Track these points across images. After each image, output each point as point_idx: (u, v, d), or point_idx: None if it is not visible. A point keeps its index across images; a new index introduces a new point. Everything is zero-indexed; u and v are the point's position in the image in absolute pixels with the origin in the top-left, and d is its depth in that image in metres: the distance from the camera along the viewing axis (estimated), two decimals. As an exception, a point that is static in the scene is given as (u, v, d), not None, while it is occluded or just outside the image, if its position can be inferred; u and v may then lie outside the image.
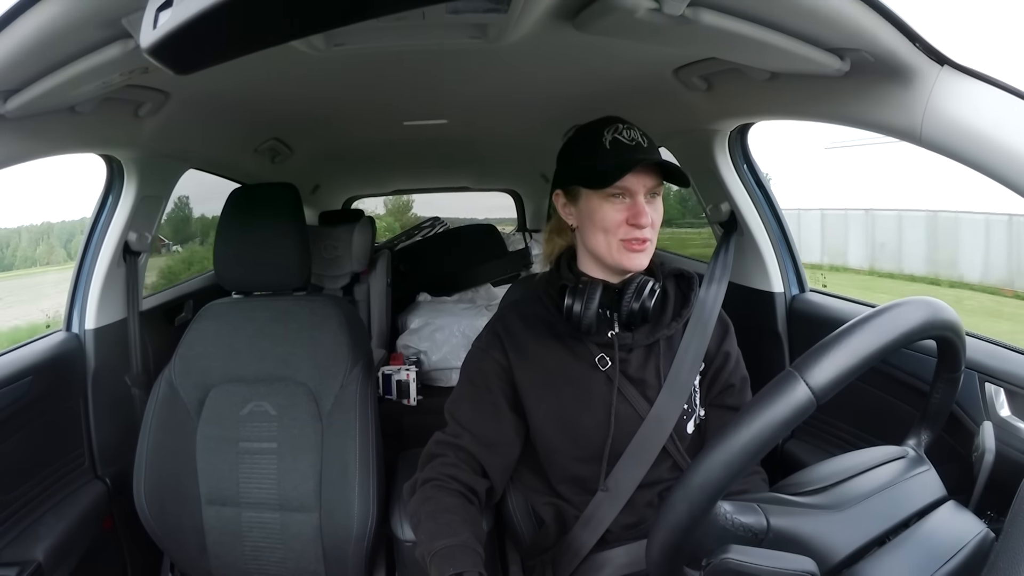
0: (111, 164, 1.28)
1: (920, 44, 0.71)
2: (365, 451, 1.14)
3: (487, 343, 0.97)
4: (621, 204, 0.87)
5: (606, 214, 0.88)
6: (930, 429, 0.73)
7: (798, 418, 0.54)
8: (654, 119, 1.24)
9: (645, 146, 0.87)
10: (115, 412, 1.33)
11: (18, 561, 1.02)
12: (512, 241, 2.57)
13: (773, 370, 0.69)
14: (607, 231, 0.88)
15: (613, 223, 0.87)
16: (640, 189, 0.87)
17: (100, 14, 0.63)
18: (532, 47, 0.93)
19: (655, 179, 0.87)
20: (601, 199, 0.88)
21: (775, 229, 1.35)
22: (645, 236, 0.87)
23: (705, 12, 0.69)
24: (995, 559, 0.49)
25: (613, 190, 0.86)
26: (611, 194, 0.87)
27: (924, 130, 0.75)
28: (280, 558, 1.16)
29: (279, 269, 1.24)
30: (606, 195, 0.87)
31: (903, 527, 0.62)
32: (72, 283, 1.31)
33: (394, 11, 0.38)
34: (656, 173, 0.87)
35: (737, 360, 0.99)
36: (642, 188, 0.87)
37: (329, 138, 1.79)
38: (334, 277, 2.21)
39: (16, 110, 0.79)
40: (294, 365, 1.20)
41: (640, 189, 0.87)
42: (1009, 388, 0.88)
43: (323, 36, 0.86)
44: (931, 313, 0.60)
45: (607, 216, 0.87)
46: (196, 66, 0.42)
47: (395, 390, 1.93)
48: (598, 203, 0.88)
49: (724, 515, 0.58)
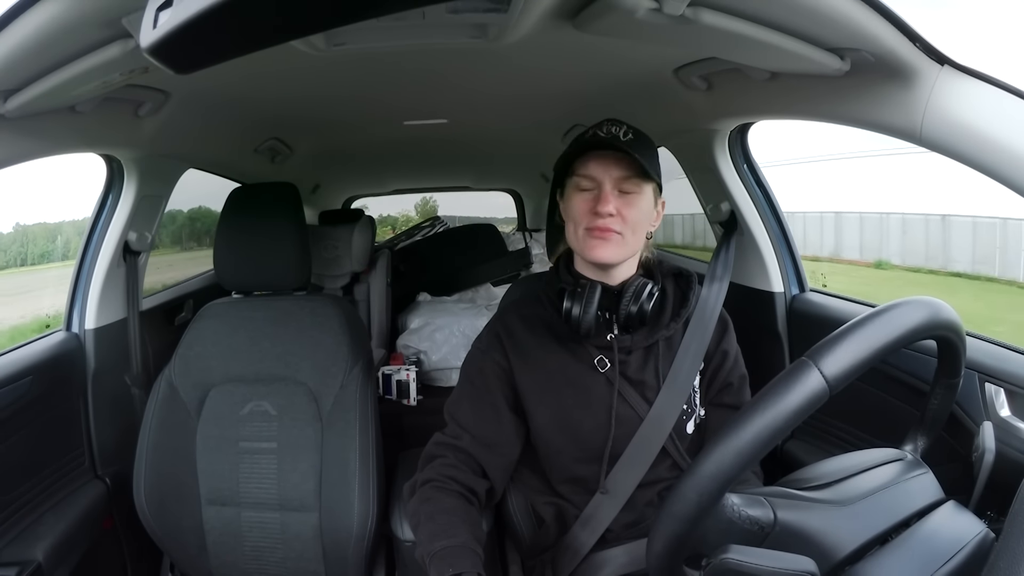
0: (111, 164, 1.28)
1: (920, 44, 0.71)
2: (365, 451, 1.14)
3: (487, 344, 0.97)
4: (589, 195, 0.89)
5: (574, 204, 0.90)
6: (927, 435, 0.74)
7: (811, 407, 0.54)
8: (654, 119, 1.24)
9: (623, 139, 0.87)
10: (115, 412, 1.33)
11: (18, 561, 1.02)
12: (512, 241, 2.57)
13: (773, 370, 0.69)
14: (576, 222, 0.90)
15: (580, 212, 0.89)
16: (606, 179, 0.87)
17: (100, 14, 0.63)
18: (532, 47, 0.93)
19: (623, 171, 0.87)
20: (573, 190, 0.90)
21: (775, 229, 1.35)
22: (607, 225, 0.87)
23: (705, 12, 0.69)
24: (995, 559, 0.49)
25: (582, 182, 0.88)
26: (581, 187, 0.89)
27: (924, 130, 0.76)
28: (280, 558, 1.16)
29: (279, 269, 1.24)
30: (577, 187, 0.89)
31: (904, 527, 0.62)
32: (72, 283, 1.31)
33: (394, 11, 0.37)
34: (627, 166, 0.87)
35: (736, 358, 0.99)
36: (608, 178, 0.87)
37: (329, 138, 1.79)
38: (334, 277, 2.21)
39: (16, 110, 0.79)
40: (294, 365, 1.20)
41: (606, 179, 0.87)
42: (1009, 388, 0.88)
43: (323, 36, 0.86)
44: (936, 312, 0.61)
45: (575, 206, 0.90)
46: (196, 66, 0.42)
47: (395, 390, 1.93)
48: (571, 194, 0.91)
49: (731, 507, 0.58)
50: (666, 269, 0.99)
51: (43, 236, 4.78)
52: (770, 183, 1.35)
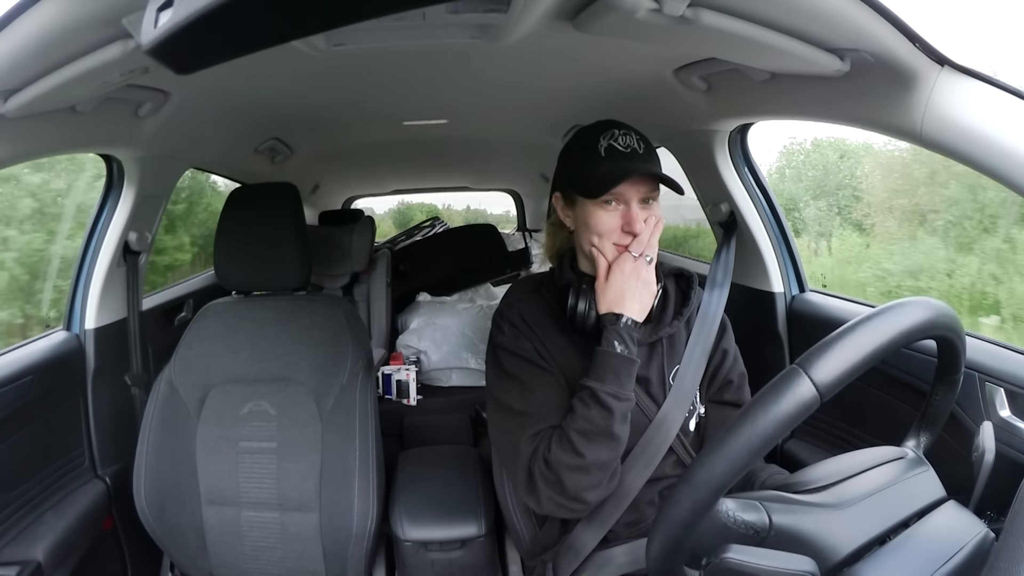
0: (111, 164, 1.28)
1: (920, 44, 0.71)
2: (365, 451, 1.14)
3: (512, 336, 0.93)
4: (615, 211, 0.88)
5: (599, 220, 0.88)
6: (929, 431, 0.73)
7: (802, 415, 0.54)
8: (654, 119, 1.24)
9: (641, 152, 0.87)
10: (115, 412, 1.33)
11: (18, 561, 1.02)
12: (512, 241, 2.57)
13: (773, 370, 0.69)
14: (602, 235, 0.89)
15: (607, 228, 0.88)
16: (634, 196, 0.87)
17: (100, 14, 0.64)
18: (532, 47, 0.93)
19: (649, 186, 0.87)
20: (595, 206, 0.89)
21: (775, 229, 1.35)
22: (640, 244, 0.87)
23: (705, 12, 0.69)
24: (995, 559, 0.49)
25: (607, 197, 0.87)
26: (605, 201, 0.88)
27: (924, 130, 0.76)
28: (280, 558, 1.16)
29: (279, 269, 1.24)
30: (600, 202, 0.88)
31: (903, 527, 0.62)
32: (72, 283, 1.31)
33: (394, 11, 0.37)
34: (651, 180, 0.87)
35: (735, 357, 0.99)
36: (636, 195, 0.87)
37: (329, 138, 1.79)
38: (334, 277, 2.21)
39: (16, 110, 0.79)
40: (294, 365, 1.20)
41: (634, 196, 0.87)
42: (1009, 388, 0.88)
43: (323, 36, 0.86)
44: (933, 312, 0.60)
45: (600, 222, 0.88)
46: (196, 66, 0.42)
47: (395, 390, 1.93)
48: (592, 209, 0.89)
49: (726, 512, 0.58)
50: (667, 269, 1.00)
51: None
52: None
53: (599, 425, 0.81)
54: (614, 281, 0.86)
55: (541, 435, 0.86)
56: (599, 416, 0.81)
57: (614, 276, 0.87)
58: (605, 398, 0.81)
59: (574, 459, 0.82)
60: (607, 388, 0.82)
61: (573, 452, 0.82)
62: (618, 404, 0.82)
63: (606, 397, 0.81)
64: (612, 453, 0.83)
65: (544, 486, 0.84)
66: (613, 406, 0.82)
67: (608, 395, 0.82)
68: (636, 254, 0.87)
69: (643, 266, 0.87)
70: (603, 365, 0.83)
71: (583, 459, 0.81)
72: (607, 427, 0.81)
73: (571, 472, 0.82)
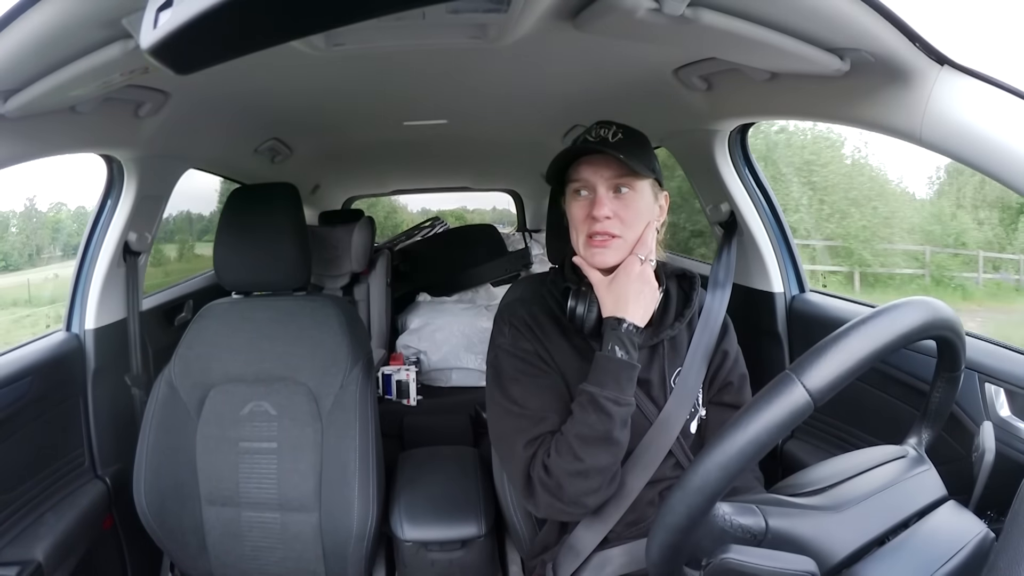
0: (111, 164, 1.28)
1: (920, 44, 0.71)
2: (365, 451, 1.14)
3: (512, 337, 0.93)
4: (585, 200, 0.88)
5: (573, 211, 0.89)
6: (931, 428, 0.73)
7: (795, 421, 0.54)
8: (654, 119, 1.24)
9: (611, 141, 0.86)
10: (115, 412, 1.33)
11: (18, 561, 1.02)
12: (512, 241, 2.57)
13: (773, 370, 0.69)
14: (576, 228, 0.89)
15: (579, 219, 0.89)
16: (598, 181, 0.86)
17: (100, 14, 0.64)
18: (532, 47, 0.93)
19: (615, 171, 0.86)
20: (571, 197, 0.90)
21: (775, 229, 1.35)
22: (604, 229, 0.86)
23: (705, 12, 0.69)
24: (995, 559, 0.49)
25: (576, 184, 0.88)
26: (576, 190, 0.88)
27: (924, 130, 0.76)
28: (280, 558, 1.16)
29: (279, 269, 1.24)
30: (574, 192, 0.89)
31: (903, 527, 0.62)
32: (72, 283, 1.31)
33: (394, 11, 0.38)
34: (618, 166, 0.86)
35: (736, 358, 0.99)
36: (600, 180, 0.86)
37: (329, 138, 1.79)
38: (334, 277, 2.21)
39: (16, 110, 0.79)
40: (294, 365, 1.20)
41: (598, 181, 0.86)
42: (1009, 388, 0.88)
43: (323, 36, 0.86)
44: (929, 313, 0.60)
45: (574, 213, 0.89)
46: (196, 66, 0.42)
47: (395, 390, 1.93)
48: (570, 201, 0.90)
49: (723, 517, 0.58)
50: (669, 271, 0.99)
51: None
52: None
53: (599, 430, 0.81)
54: (618, 284, 0.86)
55: (540, 439, 0.86)
56: (599, 421, 0.81)
57: (619, 279, 0.86)
58: (605, 403, 0.81)
59: (574, 464, 0.81)
60: (607, 393, 0.81)
61: (573, 457, 0.81)
62: (618, 409, 0.82)
63: (606, 402, 0.81)
64: (612, 458, 0.83)
65: (543, 491, 0.83)
66: (613, 411, 0.81)
67: (608, 400, 0.81)
68: (642, 257, 0.87)
69: (648, 270, 0.87)
70: (603, 370, 0.83)
71: (583, 464, 0.81)
72: (607, 432, 0.81)
73: (571, 477, 0.81)
